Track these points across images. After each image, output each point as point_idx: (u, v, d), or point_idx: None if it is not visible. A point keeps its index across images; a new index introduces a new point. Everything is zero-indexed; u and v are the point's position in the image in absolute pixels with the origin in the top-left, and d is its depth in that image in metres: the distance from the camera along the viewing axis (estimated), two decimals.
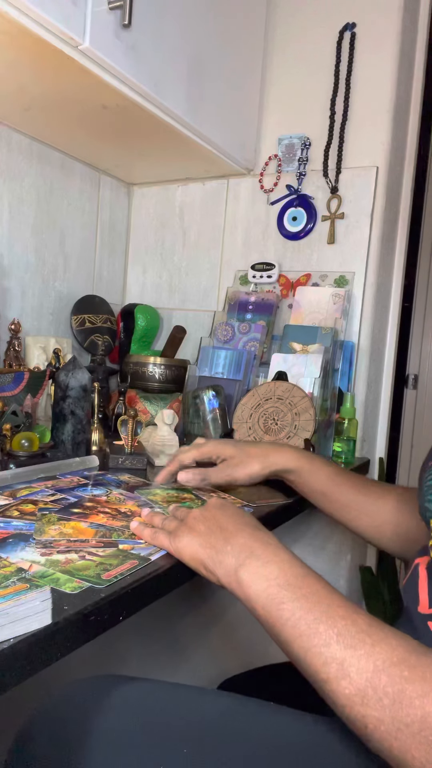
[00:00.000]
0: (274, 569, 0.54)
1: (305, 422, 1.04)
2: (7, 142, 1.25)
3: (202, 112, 1.21)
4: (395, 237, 1.44)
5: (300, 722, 0.56)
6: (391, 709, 0.42)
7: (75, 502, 0.76)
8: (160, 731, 0.55)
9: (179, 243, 1.58)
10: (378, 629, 0.47)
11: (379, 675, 0.44)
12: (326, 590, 0.51)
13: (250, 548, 0.57)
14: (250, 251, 1.48)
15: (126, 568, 0.57)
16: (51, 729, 0.57)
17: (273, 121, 1.44)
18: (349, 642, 0.46)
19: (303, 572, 0.54)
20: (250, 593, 0.54)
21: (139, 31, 1.01)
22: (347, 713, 0.45)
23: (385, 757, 0.43)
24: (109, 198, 1.57)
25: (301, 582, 0.52)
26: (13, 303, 1.30)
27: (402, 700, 0.42)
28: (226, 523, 0.61)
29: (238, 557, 0.56)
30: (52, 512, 0.71)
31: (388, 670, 0.44)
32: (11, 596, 0.45)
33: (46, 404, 1.15)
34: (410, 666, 0.43)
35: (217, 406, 1.13)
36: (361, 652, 0.45)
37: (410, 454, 1.63)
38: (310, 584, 0.52)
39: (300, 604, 0.50)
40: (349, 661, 0.45)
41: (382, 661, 0.44)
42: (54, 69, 0.96)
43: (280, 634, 0.51)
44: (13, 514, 0.69)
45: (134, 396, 1.29)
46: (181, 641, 1.43)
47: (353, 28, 1.33)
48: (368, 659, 0.45)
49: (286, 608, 0.50)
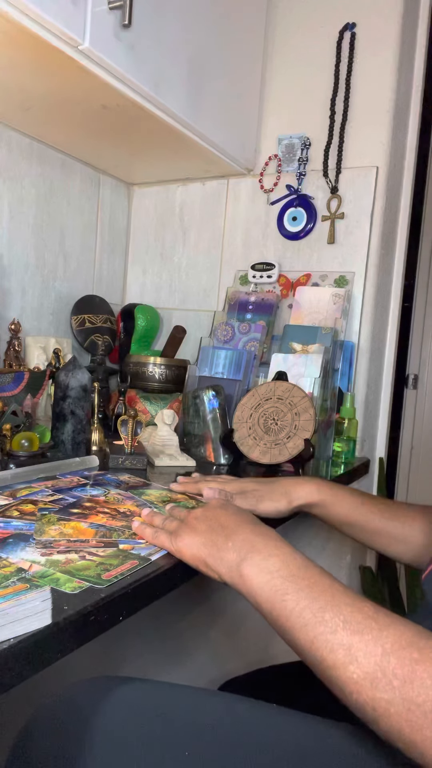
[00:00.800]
0: (277, 562, 0.54)
1: (305, 422, 1.04)
2: (7, 142, 1.25)
3: (202, 112, 1.21)
4: (395, 237, 1.44)
5: (302, 724, 0.56)
6: (401, 690, 0.42)
7: (74, 502, 0.76)
8: (161, 732, 0.55)
9: (179, 243, 1.58)
10: (384, 615, 0.47)
11: (388, 658, 0.44)
12: (330, 580, 0.52)
13: (252, 543, 0.57)
14: (250, 251, 1.48)
15: (126, 568, 0.57)
16: (51, 729, 0.57)
17: (273, 121, 1.44)
18: (355, 628, 0.46)
19: (305, 563, 0.54)
20: (254, 586, 0.54)
21: (139, 31, 1.01)
22: (355, 699, 0.45)
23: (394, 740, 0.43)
24: (109, 198, 1.57)
25: (304, 573, 0.53)
26: (13, 303, 1.30)
27: (413, 680, 0.42)
28: (226, 521, 0.62)
29: (239, 552, 0.57)
30: (51, 512, 0.71)
31: (398, 653, 0.44)
32: (11, 596, 0.45)
33: (46, 404, 1.15)
34: (419, 648, 0.44)
35: (217, 406, 1.13)
36: (368, 637, 0.45)
37: (410, 454, 1.63)
38: (313, 575, 0.52)
39: (304, 593, 0.50)
40: (356, 646, 0.45)
41: (390, 644, 0.44)
42: (54, 69, 0.96)
43: (284, 625, 0.51)
44: (13, 514, 0.69)
45: (134, 396, 1.29)
46: (183, 641, 1.43)
47: (353, 28, 1.33)
48: (376, 643, 0.45)
49: (290, 599, 0.51)
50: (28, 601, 0.45)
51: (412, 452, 1.63)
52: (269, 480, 0.88)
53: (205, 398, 1.12)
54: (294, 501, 0.83)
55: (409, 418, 1.63)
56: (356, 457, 1.35)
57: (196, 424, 1.13)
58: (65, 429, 1.02)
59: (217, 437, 1.11)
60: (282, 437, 1.05)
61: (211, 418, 1.12)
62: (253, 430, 1.08)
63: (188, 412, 1.15)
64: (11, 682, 0.42)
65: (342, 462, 1.25)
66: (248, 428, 1.08)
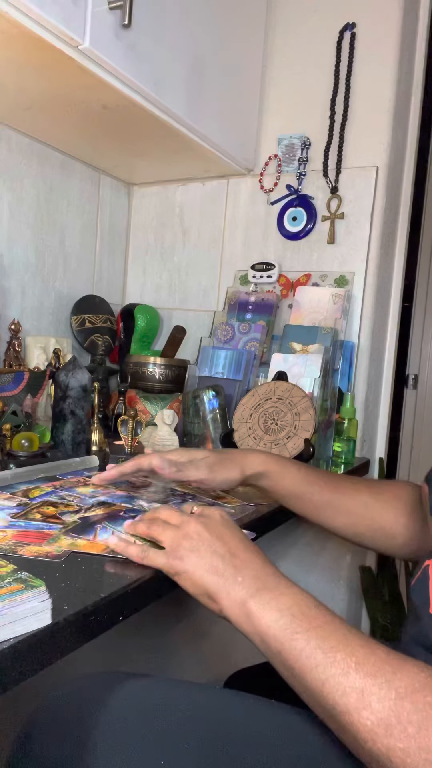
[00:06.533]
0: (288, 600, 0.52)
1: (305, 422, 1.04)
2: (7, 142, 1.25)
3: (202, 112, 1.21)
4: (395, 237, 1.44)
5: (302, 719, 0.56)
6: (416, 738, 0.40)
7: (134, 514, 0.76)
8: (162, 727, 0.55)
9: (179, 243, 1.58)
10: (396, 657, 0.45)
11: (402, 702, 0.42)
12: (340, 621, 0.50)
13: (263, 581, 0.54)
14: (250, 251, 1.48)
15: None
16: (53, 725, 0.57)
17: (273, 121, 1.44)
18: (368, 670, 0.44)
19: (316, 603, 0.52)
20: (262, 624, 0.51)
21: (139, 31, 1.01)
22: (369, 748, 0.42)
23: None
24: (109, 198, 1.57)
25: (315, 612, 0.50)
26: (13, 303, 1.30)
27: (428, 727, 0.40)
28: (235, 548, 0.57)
29: (248, 589, 0.53)
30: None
31: (411, 697, 0.42)
32: (6, 596, 0.45)
33: (46, 404, 1.15)
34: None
35: (217, 406, 1.13)
36: (381, 680, 0.43)
37: (410, 454, 1.63)
38: (323, 615, 0.50)
39: (315, 633, 0.48)
40: (369, 689, 0.43)
41: (404, 687, 0.42)
42: (54, 69, 0.96)
43: (294, 666, 0.48)
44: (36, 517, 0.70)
45: (134, 396, 1.29)
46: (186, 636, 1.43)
47: (353, 28, 1.33)
48: (390, 687, 0.43)
49: (300, 638, 0.48)
50: (27, 601, 0.45)
51: (412, 452, 1.63)
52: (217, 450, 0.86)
53: (205, 398, 1.12)
54: (246, 470, 0.81)
55: (409, 418, 1.63)
56: (356, 457, 1.35)
57: (196, 424, 1.13)
58: (65, 429, 1.02)
59: (217, 437, 1.11)
60: (282, 437, 1.05)
61: (211, 418, 1.12)
62: (253, 430, 1.08)
63: (188, 412, 1.15)
64: (11, 681, 0.42)
65: (342, 462, 1.25)
66: (248, 428, 1.08)
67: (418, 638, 0.56)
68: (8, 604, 0.44)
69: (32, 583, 0.48)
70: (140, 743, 0.53)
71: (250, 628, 0.52)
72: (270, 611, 0.51)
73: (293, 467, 0.84)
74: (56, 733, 0.56)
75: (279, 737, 0.55)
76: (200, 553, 0.56)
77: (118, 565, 0.59)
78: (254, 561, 0.56)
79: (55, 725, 0.57)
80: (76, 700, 0.58)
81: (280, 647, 0.49)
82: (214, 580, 0.55)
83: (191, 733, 0.54)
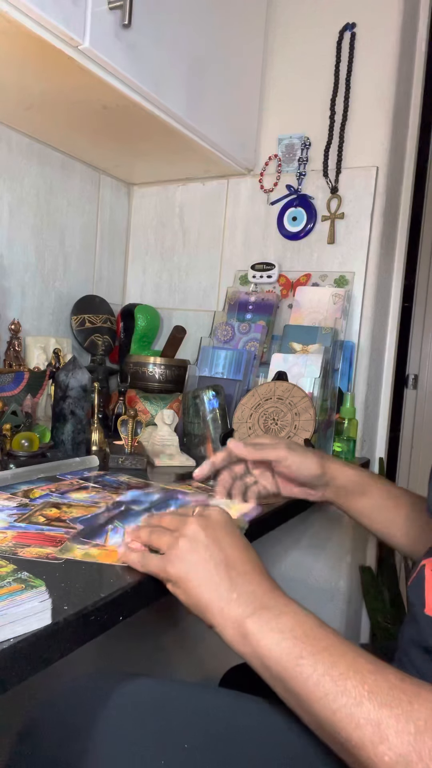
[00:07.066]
0: (289, 621, 0.48)
1: (305, 422, 1.04)
2: (7, 142, 1.25)
3: (202, 112, 1.21)
4: (395, 237, 1.44)
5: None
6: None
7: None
8: (162, 727, 0.55)
9: (179, 243, 1.58)
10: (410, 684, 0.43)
11: (422, 737, 0.39)
12: (345, 641, 0.47)
13: (260, 598, 0.51)
14: (250, 251, 1.48)
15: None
16: (53, 724, 0.57)
17: (273, 121, 1.44)
18: (383, 699, 0.41)
19: (318, 622, 0.49)
20: (261, 646, 0.48)
21: (139, 31, 1.01)
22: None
23: None
24: (109, 198, 1.57)
25: (318, 633, 0.47)
26: (13, 303, 1.30)
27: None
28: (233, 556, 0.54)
29: (245, 608, 0.50)
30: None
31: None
32: (6, 596, 0.45)
33: (46, 404, 1.15)
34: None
35: (217, 406, 1.13)
36: (398, 712, 0.40)
37: (410, 454, 1.63)
38: (328, 635, 0.47)
39: (321, 657, 0.45)
40: (386, 722, 0.40)
41: (423, 721, 0.40)
42: (54, 69, 0.96)
43: (300, 693, 0.45)
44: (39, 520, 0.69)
45: (134, 396, 1.29)
46: (184, 635, 1.43)
47: (353, 28, 1.33)
48: (408, 720, 0.40)
49: (306, 663, 0.45)
50: (27, 601, 0.45)
51: (412, 452, 1.63)
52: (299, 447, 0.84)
53: (205, 398, 1.12)
54: (327, 468, 0.82)
55: (409, 418, 1.63)
56: (356, 457, 1.35)
57: (196, 424, 1.13)
58: (65, 429, 1.02)
59: (217, 437, 1.11)
60: (282, 437, 1.05)
61: (211, 418, 1.12)
62: (253, 430, 1.08)
63: (188, 412, 1.15)
64: (11, 681, 0.42)
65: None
66: (248, 428, 1.08)
67: (415, 639, 0.56)
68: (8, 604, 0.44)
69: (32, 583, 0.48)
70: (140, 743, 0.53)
71: (247, 650, 0.49)
72: (270, 633, 0.48)
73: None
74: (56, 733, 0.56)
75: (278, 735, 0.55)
76: (195, 557, 0.54)
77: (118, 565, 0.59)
78: (251, 574, 0.53)
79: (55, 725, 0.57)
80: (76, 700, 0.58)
81: (283, 672, 0.46)
82: (207, 595, 0.52)
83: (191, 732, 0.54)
